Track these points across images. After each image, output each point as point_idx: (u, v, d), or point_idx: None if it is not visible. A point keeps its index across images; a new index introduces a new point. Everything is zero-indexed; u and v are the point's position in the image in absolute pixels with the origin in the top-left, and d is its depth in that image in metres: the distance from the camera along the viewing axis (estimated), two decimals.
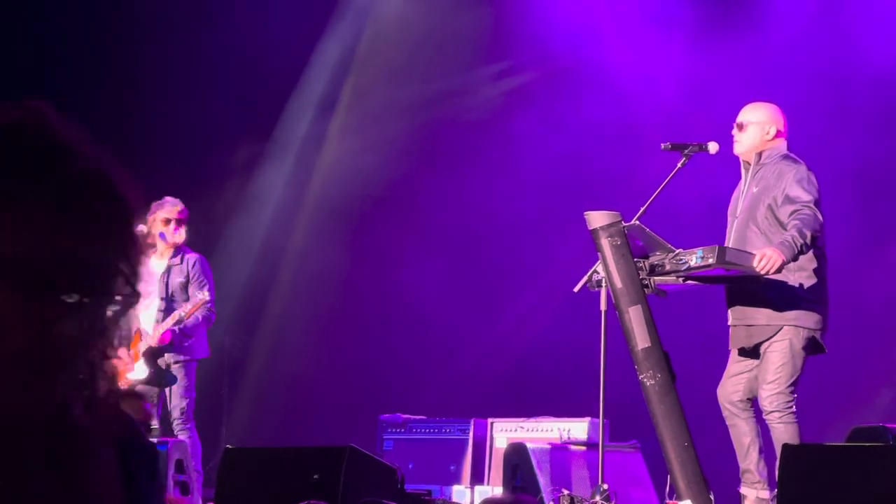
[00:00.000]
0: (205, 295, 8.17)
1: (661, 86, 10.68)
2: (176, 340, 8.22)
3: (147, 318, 8.36)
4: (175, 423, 8.20)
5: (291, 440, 10.32)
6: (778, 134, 6.64)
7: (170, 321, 8.16)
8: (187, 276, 8.33)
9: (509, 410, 9.19)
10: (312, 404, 11.28)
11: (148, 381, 8.18)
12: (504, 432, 8.81)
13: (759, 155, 6.60)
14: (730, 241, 6.56)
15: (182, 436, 8.06)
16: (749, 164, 6.64)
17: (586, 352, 9.64)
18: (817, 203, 6.35)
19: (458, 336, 10.86)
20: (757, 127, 6.63)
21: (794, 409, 6.35)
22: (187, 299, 8.28)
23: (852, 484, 5.26)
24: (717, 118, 7.13)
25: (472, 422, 8.94)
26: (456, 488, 8.70)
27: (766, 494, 6.36)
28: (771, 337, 6.39)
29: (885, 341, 9.63)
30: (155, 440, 7.87)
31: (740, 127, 6.66)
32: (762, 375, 6.40)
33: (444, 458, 8.93)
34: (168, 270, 8.38)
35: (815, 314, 6.41)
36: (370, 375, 11.25)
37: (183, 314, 8.13)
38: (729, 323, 6.61)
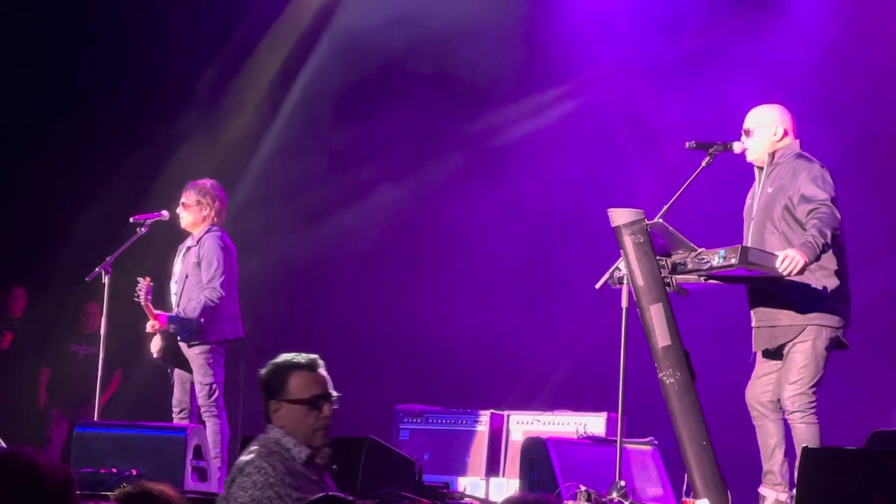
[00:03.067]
0: (206, 274, 8.16)
1: (680, 82, 10.68)
2: (172, 323, 8.18)
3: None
4: (201, 408, 8.20)
5: None
6: (786, 133, 6.64)
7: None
8: (198, 256, 8.31)
9: (526, 403, 9.22)
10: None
11: (178, 366, 8.23)
12: (520, 425, 8.83)
13: (772, 155, 6.60)
14: (748, 242, 6.55)
15: (209, 422, 8.06)
16: (762, 166, 6.65)
17: (606, 348, 9.66)
18: (834, 201, 6.35)
19: (476, 328, 10.88)
20: (763, 130, 6.62)
21: (815, 409, 6.35)
22: (199, 280, 8.26)
23: (870, 489, 5.27)
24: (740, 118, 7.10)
25: (488, 413, 8.97)
26: (471, 479, 8.72)
27: (785, 497, 6.36)
28: (795, 337, 6.40)
29: None
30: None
31: (747, 133, 6.67)
32: (785, 375, 6.41)
33: (460, 449, 8.95)
34: (187, 251, 8.39)
35: (838, 313, 6.41)
36: (388, 365, 11.28)
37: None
38: (752, 325, 6.61)
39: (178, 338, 8.20)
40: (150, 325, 8.17)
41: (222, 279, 8.20)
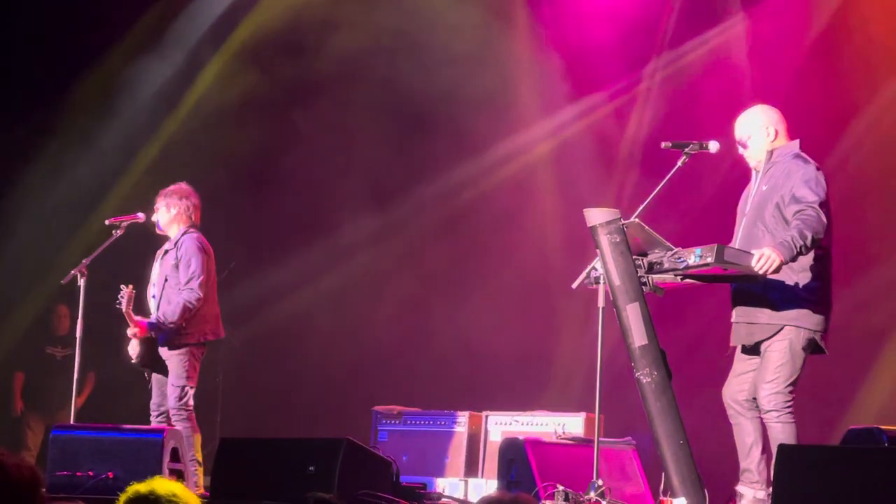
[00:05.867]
0: (184, 274, 8.14)
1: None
2: (152, 329, 8.16)
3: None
4: (171, 411, 8.17)
5: (285, 429, 10.34)
6: (777, 132, 6.63)
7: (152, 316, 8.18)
8: (177, 258, 8.29)
9: (504, 404, 9.22)
10: (307, 393, 11.30)
11: (147, 364, 8.19)
12: (499, 426, 8.84)
13: (770, 153, 6.60)
14: (738, 239, 6.56)
15: (178, 426, 8.03)
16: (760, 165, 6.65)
17: (583, 348, 9.67)
18: (822, 204, 6.34)
19: (454, 329, 10.88)
20: (757, 136, 6.62)
21: (792, 408, 6.36)
22: (178, 282, 8.21)
23: (846, 486, 5.28)
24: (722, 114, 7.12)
25: (467, 414, 8.97)
26: (450, 480, 8.72)
27: (763, 495, 6.37)
28: (772, 336, 6.41)
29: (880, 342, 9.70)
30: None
31: (743, 145, 6.67)
32: (761, 374, 6.42)
33: (439, 450, 8.95)
34: (165, 254, 8.36)
35: (817, 315, 6.41)
36: (365, 366, 11.27)
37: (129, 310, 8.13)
38: (732, 320, 6.62)
39: (158, 342, 8.17)
40: (131, 332, 8.13)
41: (200, 280, 8.16)
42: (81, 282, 8.39)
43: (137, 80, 11.42)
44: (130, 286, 8.08)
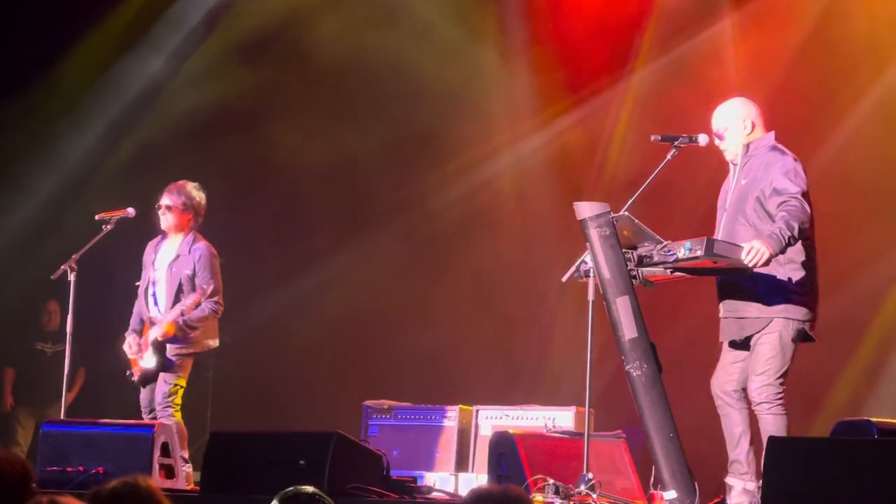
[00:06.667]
0: (208, 287, 8.12)
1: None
2: (179, 333, 8.15)
3: (155, 307, 8.31)
4: (158, 406, 8.16)
5: (275, 423, 10.34)
6: (754, 125, 6.64)
7: (174, 313, 8.10)
8: (194, 268, 8.25)
9: (495, 398, 9.23)
10: (298, 388, 11.30)
11: (156, 370, 8.14)
12: (489, 420, 8.84)
13: (746, 147, 6.61)
14: (719, 234, 6.57)
15: (166, 422, 8.01)
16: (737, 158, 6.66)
17: (574, 341, 9.67)
18: (805, 195, 6.37)
19: (445, 323, 10.88)
20: (733, 128, 6.62)
21: (782, 400, 6.38)
22: (192, 290, 8.20)
23: (836, 477, 5.30)
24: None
25: (457, 409, 8.97)
26: (440, 475, 8.72)
27: (752, 486, 6.38)
28: (761, 329, 6.42)
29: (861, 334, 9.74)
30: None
31: (720, 137, 6.66)
32: (752, 367, 6.43)
33: (429, 444, 8.95)
34: (176, 259, 8.32)
35: (805, 305, 6.43)
36: (356, 361, 11.28)
37: (184, 308, 8.09)
38: (720, 315, 6.63)
39: (175, 342, 8.15)
40: (162, 334, 8.08)
41: (220, 294, 8.24)
42: (71, 277, 8.37)
43: (123, 75, 11.42)
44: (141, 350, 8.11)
